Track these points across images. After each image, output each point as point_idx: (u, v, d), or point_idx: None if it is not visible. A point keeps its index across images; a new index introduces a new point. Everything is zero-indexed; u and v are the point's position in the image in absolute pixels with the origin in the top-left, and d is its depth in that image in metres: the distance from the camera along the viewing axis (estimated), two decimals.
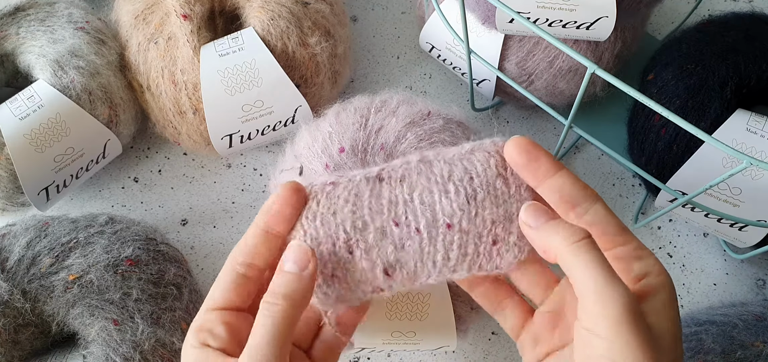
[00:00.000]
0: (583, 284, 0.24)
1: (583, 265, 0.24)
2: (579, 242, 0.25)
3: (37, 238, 0.40)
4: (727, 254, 0.50)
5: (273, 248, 0.28)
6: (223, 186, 0.53)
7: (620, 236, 0.26)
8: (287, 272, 0.27)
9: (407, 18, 0.60)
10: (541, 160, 0.27)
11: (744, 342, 0.38)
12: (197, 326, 0.28)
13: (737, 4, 0.60)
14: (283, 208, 0.28)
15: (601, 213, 0.27)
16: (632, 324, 0.23)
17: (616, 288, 0.23)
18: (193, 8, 0.46)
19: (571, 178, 0.27)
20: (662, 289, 0.25)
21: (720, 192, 0.42)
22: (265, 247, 0.28)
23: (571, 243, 0.25)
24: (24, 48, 0.47)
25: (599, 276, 0.24)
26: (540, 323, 0.29)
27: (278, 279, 0.27)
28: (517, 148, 0.27)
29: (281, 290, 0.27)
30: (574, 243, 0.25)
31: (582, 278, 0.24)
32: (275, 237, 0.28)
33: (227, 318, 0.28)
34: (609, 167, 0.53)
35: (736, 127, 0.41)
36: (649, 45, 0.54)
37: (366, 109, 0.42)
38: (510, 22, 0.43)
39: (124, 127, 0.49)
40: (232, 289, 0.28)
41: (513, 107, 0.55)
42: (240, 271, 0.28)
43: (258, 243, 0.28)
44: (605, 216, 0.27)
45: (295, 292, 0.27)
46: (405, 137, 0.41)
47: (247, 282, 0.28)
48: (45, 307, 0.39)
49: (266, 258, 0.28)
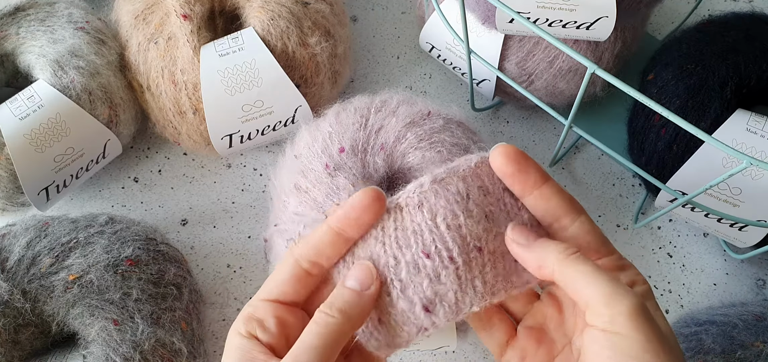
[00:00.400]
0: (589, 291, 0.24)
1: (585, 274, 0.24)
2: (574, 254, 0.25)
3: (37, 238, 0.40)
4: (727, 254, 0.50)
5: (340, 252, 0.28)
6: (223, 186, 0.53)
7: (604, 248, 0.27)
8: (348, 288, 0.27)
9: (407, 18, 0.60)
10: (530, 171, 0.27)
11: (744, 342, 0.38)
12: (248, 313, 0.27)
13: (737, 4, 0.60)
14: (363, 215, 0.27)
15: (586, 226, 0.27)
16: (648, 318, 0.24)
17: (624, 287, 0.24)
18: (193, 8, 0.46)
19: (559, 190, 0.27)
20: (650, 296, 0.26)
21: (720, 192, 0.42)
22: (332, 249, 0.28)
23: (567, 256, 0.25)
24: (24, 48, 0.47)
25: (605, 280, 0.24)
26: (525, 338, 0.30)
27: (338, 292, 0.27)
28: (506, 157, 0.27)
29: (339, 304, 0.26)
30: (571, 256, 0.25)
31: (587, 285, 0.24)
32: (346, 241, 0.28)
33: (280, 313, 0.27)
34: (609, 167, 0.53)
35: (736, 127, 0.41)
36: (649, 45, 0.54)
37: (366, 109, 0.42)
38: (510, 22, 0.43)
39: (124, 127, 0.49)
40: (290, 283, 0.27)
41: (513, 107, 0.55)
42: (303, 267, 0.27)
43: (327, 243, 0.27)
44: (590, 229, 0.27)
45: (352, 309, 0.26)
46: (405, 137, 0.41)
47: (308, 279, 0.28)
48: (45, 307, 0.39)
49: (331, 260, 0.28)
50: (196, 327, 0.43)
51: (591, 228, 0.27)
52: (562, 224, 0.27)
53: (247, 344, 0.26)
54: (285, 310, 0.27)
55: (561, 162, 0.53)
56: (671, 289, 0.49)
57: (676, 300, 0.48)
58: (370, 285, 0.27)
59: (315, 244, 0.28)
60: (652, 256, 0.50)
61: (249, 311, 0.27)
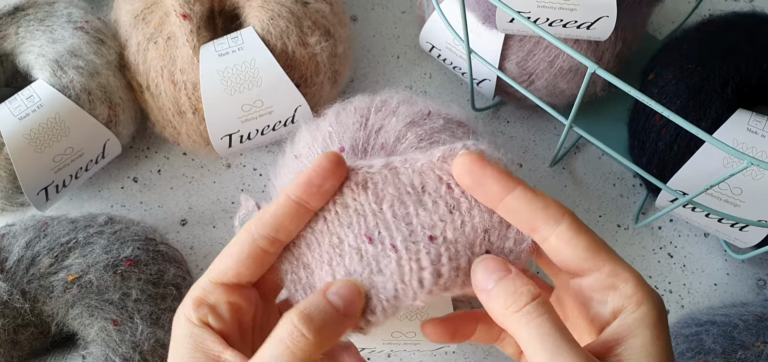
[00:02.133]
0: (530, 356, 0.22)
1: (527, 337, 0.22)
2: (523, 309, 0.22)
3: (36, 238, 0.40)
4: (728, 254, 0.49)
5: (301, 226, 0.25)
6: (222, 186, 0.53)
7: (590, 260, 0.23)
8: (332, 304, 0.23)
9: (407, 18, 0.60)
10: (487, 183, 0.24)
11: (745, 343, 0.38)
12: (198, 298, 0.25)
13: (738, 3, 0.60)
14: (325, 182, 0.25)
15: (567, 235, 0.23)
16: None
17: (562, 360, 0.21)
18: (192, 8, 0.46)
19: (528, 197, 0.24)
20: (640, 327, 0.22)
21: (721, 192, 0.42)
22: (293, 222, 0.25)
23: (514, 312, 0.22)
24: (23, 48, 0.47)
25: (542, 349, 0.21)
26: None
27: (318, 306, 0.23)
28: (461, 169, 0.24)
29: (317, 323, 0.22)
30: (518, 313, 0.22)
31: (529, 351, 0.22)
32: (307, 213, 0.25)
33: (233, 297, 0.25)
34: (609, 167, 0.53)
35: (737, 126, 0.41)
36: (649, 45, 0.54)
37: (366, 109, 0.42)
38: (510, 22, 0.43)
39: (124, 126, 0.49)
40: (245, 264, 0.25)
41: (513, 107, 0.55)
42: (260, 245, 0.25)
43: (288, 216, 0.25)
44: (572, 238, 0.23)
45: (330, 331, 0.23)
46: (405, 137, 0.41)
47: (265, 258, 0.25)
48: (44, 307, 0.39)
49: (292, 235, 0.25)
50: None
51: (571, 238, 0.23)
52: (542, 235, 0.24)
53: (199, 332, 0.24)
54: (238, 294, 0.25)
55: (561, 162, 0.53)
56: (672, 289, 0.49)
57: (677, 300, 0.48)
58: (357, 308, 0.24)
59: (274, 219, 0.25)
60: (653, 256, 0.50)
61: (198, 294, 0.25)
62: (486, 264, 0.24)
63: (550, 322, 0.22)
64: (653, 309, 0.22)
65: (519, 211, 0.24)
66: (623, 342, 0.22)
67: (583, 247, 0.23)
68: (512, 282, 0.23)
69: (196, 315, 0.25)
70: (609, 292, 0.23)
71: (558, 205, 0.24)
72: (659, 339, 0.22)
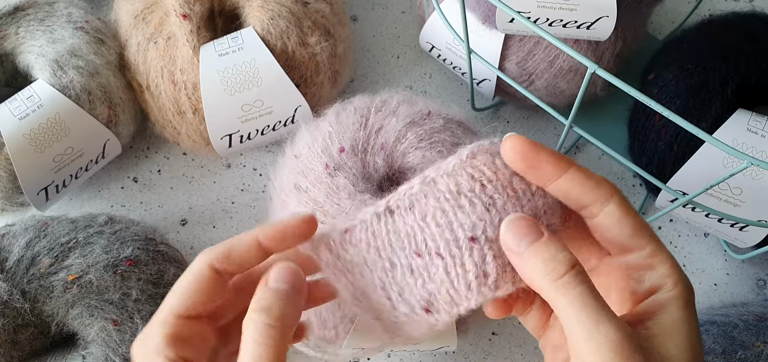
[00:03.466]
0: (569, 325, 0.22)
1: (567, 305, 0.22)
2: (562, 278, 0.22)
3: (36, 238, 0.40)
4: (728, 254, 0.49)
5: (257, 261, 0.26)
6: (222, 186, 0.53)
7: (634, 239, 0.24)
8: (281, 289, 0.24)
9: (407, 18, 0.60)
10: (541, 166, 0.24)
11: (745, 343, 0.38)
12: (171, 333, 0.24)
13: (738, 3, 0.60)
14: (288, 237, 0.26)
15: (615, 215, 0.24)
16: (634, 351, 0.21)
17: (604, 327, 0.21)
18: (192, 8, 0.46)
19: (580, 178, 0.24)
20: (673, 305, 0.23)
21: (721, 192, 0.42)
22: (253, 257, 0.26)
23: (553, 281, 0.22)
24: (23, 48, 0.47)
25: (585, 317, 0.22)
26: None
27: (271, 295, 0.24)
28: (513, 153, 0.25)
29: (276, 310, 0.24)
30: (557, 281, 0.22)
31: (568, 319, 0.22)
32: (265, 253, 0.26)
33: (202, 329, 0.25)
34: (609, 167, 0.53)
35: (737, 126, 0.41)
36: (649, 45, 0.54)
37: (366, 109, 0.42)
38: (510, 22, 0.43)
39: (124, 126, 0.49)
40: (210, 294, 0.25)
41: (513, 107, 0.55)
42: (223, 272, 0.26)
43: (250, 252, 0.26)
44: (619, 218, 0.24)
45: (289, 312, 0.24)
46: (405, 137, 0.41)
47: (224, 287, 0.26)
48: (44, 307, 0.39)
49: (247, 267, 0.26)
50: None
51: (620, 217, 0.24)
52: (590, 212, 0.24)
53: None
54: (205, 326, 0.26)
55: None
56: None
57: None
58: (302, 283, 0.25)
59: (239, 256, 0.26)
60: None
61: (170, 331, 0.25)
62: (517, 225, 0.24)
63: (590, 292, 0.22)
64: (686, 291, 0.24)
65: (572, 191, 0.24)
66: (655, 316, 0.23)
67: (631, 226, 0.24)
68: (547, 248, 0.23)
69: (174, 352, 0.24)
70: (647, 271, 0.24)
71: (608, 184, 0.24)
72: (689, 320, 0.23)
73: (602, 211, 0.24)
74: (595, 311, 0.22)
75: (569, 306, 0.22)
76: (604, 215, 0.24)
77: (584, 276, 0.23)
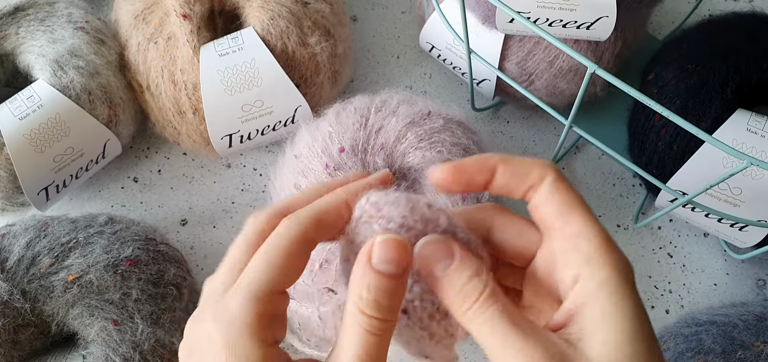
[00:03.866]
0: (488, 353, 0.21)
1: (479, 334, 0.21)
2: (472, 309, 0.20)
3: (36, 238, 0.40)
4: (728, 254, 0.49)
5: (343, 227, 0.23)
6: (222, 186, 0.53)
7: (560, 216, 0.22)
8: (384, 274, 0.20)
9: (407, 18, 0.60)
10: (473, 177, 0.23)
11: (744, 343, 0.38)
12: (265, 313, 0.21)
13: (738, 3, 0.60)
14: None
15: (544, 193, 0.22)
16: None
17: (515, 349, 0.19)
18: (192, 8, 0.46)
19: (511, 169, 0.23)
20: (601, 293, 0.20)
21: (720, 192, 0.42)
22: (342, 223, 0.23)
23: (464, 313, 0.21)
24: (24, 48, 0.47)
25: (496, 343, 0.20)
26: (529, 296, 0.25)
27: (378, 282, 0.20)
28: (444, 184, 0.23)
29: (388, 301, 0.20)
30: (468, 312, 0.21)
31: (485, 348, 0.21)
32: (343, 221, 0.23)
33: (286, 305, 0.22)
34: (609, 167, 0.53)
35: (737, 126, 0.41)
36: (649, 45, 0.54)
37: (366, 109, 0.42)
38: (510, 22, 0.43)
39: (124, 126, 0.49)
40: (300, 266, 0.22)
41: (513, 107, 0.55)
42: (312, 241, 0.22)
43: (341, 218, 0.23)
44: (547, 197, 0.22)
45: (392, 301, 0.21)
46: (405, 137, 0.41)
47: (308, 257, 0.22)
48: (45, 307, 0.39)
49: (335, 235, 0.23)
50: None
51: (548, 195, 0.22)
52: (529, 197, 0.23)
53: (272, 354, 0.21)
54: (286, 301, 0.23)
55: (561, 162, 0.53)
56: (672, 289, 0.49)
57: (677, 300, 0.48)
58: (405, 261, 0.21)
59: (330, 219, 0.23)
60: (653, 256, 0.50)
61: (262, 309, 0.21)
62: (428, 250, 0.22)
63: (499, 313, 0.20)
64: (615, 274, 0.20)
65: (510, 183, 0.23)
66: (582, 311, 0.20)
67: (557, 203, 0.22)
68: (458, 276, 0.21)
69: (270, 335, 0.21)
70: (573, 254, 0.21)
71: (541, 165, 0.22)
72: (622, 306, 0.19)
73: (535, 194, 0.22)
74: (503, 332, 0.20)
75: (480, 334, 0.20)
76: (537, 197, 0.22)
77: (494, 298, 0.21)
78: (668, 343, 0.40)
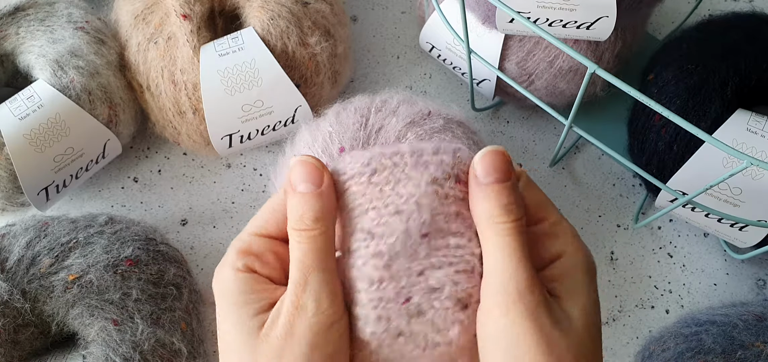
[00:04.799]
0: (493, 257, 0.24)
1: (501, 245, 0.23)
2: (506, 223, 0.24)
3: (36, 238, 0.40)
4: (728, 254, 0.49)
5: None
6: (223, 186, 0.53)
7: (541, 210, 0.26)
8: (308, 193, 0.24)
9: (407, 18, 0.60)
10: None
11: (744, 343, 0.38)
12: (241, 248, 0.25)
13: (738, 3, 0.60)
14: None
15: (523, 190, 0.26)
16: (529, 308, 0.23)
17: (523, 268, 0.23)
18: (192, 8, 0.46)
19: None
20: (577, 270, 0.25)
21: (720, 192, 0.42)
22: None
23: (496, 222, 0.24)
24: (24, 48, 0.47)
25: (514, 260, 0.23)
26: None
27: (299, 203, 0.24)
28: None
29: (310, 214, 0.24)
30: (500, 224, 0.24)
31: (496, 258, 0.23)
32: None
33: (276, 247, 0.25)
34: (609, 167, 0.53)
35: (737, 126, 0.41)
36: (649, 45, 0.54)
37: (366, 109, 0.42)
38: (510, 22, 0.43)
39: (124, 127, 0.49)
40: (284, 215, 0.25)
41: (513, 107, 0.55)
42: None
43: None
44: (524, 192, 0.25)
45: (324, 213, 0.24)
46: (405, 137, 0.41)
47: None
48: (45, 307, 0.39)
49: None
50: (196, 327, 0.43)
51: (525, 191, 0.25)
52: None
53: (246, 277, 0.24)
54: (281, 245, 0.25)
55: (561, 162, 0.53)
56: (671, 289, 0.49)
57: (677, 300, 0.48)
58: (321, 179, 0.25)
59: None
60: (653, 256, 0.50)
61: (241, 246, 0.25)
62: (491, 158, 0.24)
63: (524, 243, 0.24)
64: (587, 260, 0.25)
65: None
66: (561, 279, 0.25)
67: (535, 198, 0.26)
68: (507, 195, 0.24)
69: (242, 262, 0.25)
70: (552, 239, 0.25)
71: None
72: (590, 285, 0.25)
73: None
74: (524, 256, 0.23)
75: (501, 246, 0.23)
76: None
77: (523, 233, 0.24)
78: (668, 343, 0.40)
